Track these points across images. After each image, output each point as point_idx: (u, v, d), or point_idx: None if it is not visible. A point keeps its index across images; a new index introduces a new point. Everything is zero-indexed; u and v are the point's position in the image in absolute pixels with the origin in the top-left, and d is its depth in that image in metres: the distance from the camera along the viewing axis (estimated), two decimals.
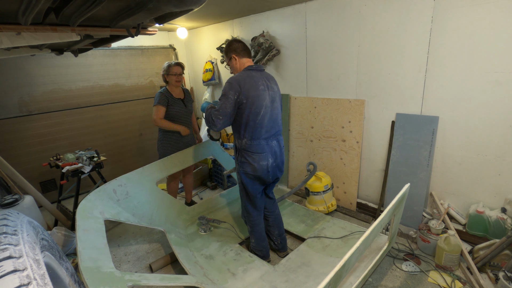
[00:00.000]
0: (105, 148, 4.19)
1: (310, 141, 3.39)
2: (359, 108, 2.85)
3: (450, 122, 2.33)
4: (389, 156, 2.73)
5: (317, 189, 3.02)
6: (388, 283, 2.11)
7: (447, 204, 2.47)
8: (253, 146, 2.10)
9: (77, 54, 2.82)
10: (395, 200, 1.76)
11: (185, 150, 3.03)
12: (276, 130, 2.19)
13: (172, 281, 1.89)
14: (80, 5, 1.24)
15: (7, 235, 1.28)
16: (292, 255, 2.41)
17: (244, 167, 2.15)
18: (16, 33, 1.50)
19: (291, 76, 3.42)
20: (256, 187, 2.21)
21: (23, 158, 3.57)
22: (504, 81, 2.01)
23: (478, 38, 2.06)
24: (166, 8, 1.24)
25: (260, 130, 2.08)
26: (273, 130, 2.16)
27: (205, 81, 4.47)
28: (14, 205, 2.46)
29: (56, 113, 3.77)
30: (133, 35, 1.76)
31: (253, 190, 2.21)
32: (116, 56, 4.21)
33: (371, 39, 2.61)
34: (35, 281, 1.11)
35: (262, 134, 2.09)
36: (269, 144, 2.14)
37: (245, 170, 2.14)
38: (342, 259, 1.31)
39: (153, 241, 2.85)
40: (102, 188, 2.40)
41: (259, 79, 2.06)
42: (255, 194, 2.23)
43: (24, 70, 3.47)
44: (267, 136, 2.13)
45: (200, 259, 2.41)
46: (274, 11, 3.34)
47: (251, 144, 2.09)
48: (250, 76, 2.03)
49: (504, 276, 1.83)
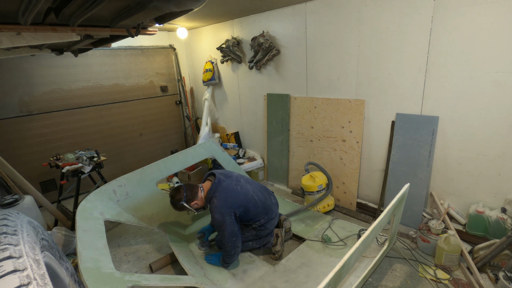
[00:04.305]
0: (105, 148, 4.19)
1: (310, 141, 3.39)
2: (359, 108, 2.85)
3: (450, 122, 2.33)
4: (389, 156, 2.73)
5: (310, 188, 3.03)
6: (388, 283, 2.11)
7: (447, 204, 2.47)
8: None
9: (77, 54, 2.81)
10: (395, 200, 1.76)
11: (185, 150, 3.03)
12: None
13: (172, 282, 1.89)
14: (80, 5, 1.24)
15: (7, 235, 1.28)
16: (292, 255, 2.41)
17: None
18: (16, 33, 1.50)
19: (291, 76, 3.42)
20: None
21: (23, 158, 3.57)
22: (504, 81, 2.01)
23: (478, 38, 2.06)
24: (166, 8, 1.24)
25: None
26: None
27: (205, 81, 4.47)
28: (14, 205, 2.46)
29: (56, 113, 3.77)
30: (133, 35, 1.76)
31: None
32: (116, 56, 4.21)
33: (371, 39, 2.61)
34: (35, 281, 1.11)
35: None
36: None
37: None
38: (342, 259, 1.31)
39: (153, 241, 2.85)
40: (102, 189, 2.40)
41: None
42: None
43: (24, 70, 3.47)
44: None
45: (200, 259, 2.41)
46: (274, 11, 3.34)
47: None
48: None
49: (504, 276, 1.83)
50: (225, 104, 4.60)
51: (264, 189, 2.42)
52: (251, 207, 2.17)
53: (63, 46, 2.39)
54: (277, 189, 3.78)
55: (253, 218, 2.22)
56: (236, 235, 2.08)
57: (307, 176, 3.13)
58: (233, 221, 2.07)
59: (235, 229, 2.07)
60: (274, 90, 3.69)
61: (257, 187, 2.36)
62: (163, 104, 4.89)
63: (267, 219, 2.30)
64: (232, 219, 2.07)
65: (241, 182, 2.26)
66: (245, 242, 2.37)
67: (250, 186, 2.27)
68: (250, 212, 2.18)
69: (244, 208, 2.13)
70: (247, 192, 2.19)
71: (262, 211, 2.22)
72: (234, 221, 2.08)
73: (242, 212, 2.13)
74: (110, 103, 4.24)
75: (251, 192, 2.21)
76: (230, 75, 4.29)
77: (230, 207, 2.08)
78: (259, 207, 2.19)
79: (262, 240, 2.39)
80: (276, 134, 3.75)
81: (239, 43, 3.88)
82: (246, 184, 2.27)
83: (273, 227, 2.38)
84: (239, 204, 2.12)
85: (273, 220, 2.34)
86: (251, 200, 2.18)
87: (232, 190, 2.14)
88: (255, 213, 2.20)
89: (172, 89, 4.98)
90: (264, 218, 2.28)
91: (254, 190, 2.25)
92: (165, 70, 4.83)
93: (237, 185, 2.20)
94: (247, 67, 3.81)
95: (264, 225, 2.33)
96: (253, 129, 4.22)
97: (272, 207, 2.33)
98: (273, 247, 2.39)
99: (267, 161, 3.98)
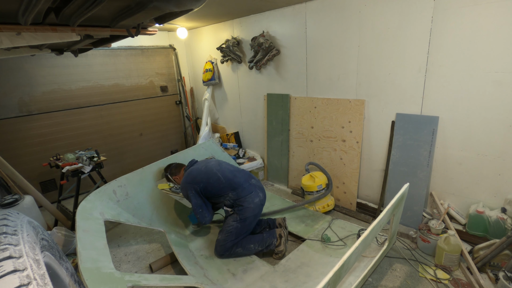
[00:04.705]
0: (105, 148, 4.19)
1: (310, 141, 3.39)
2: (359, 108, 2.85)
3: (450, 122, 2.33)
4: (389, 156, 2.73)
5: (310, 188, 3.03)
6: (388, 283, 2.11)
7: (447, 204, 2.47)
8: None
9: (77, 54, 2.81)
10: (394, 200, 1.76)
11: (185, 150, 3.03)
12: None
13: (172, 282, 1.89)
14: (80, 5, 1.24)
15: (7, 235, 1.28)
16: (292, 255, 2.41)
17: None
18: (16, 33, 1.50)
19: (291, 76, 3.42)
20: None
21: (23, 158, 3.57)
22: (504, 81, 2.01)
23: (478, 38, 2.06)
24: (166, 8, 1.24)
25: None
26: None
27: (205, 81, 4.47)
28: (14, 205, 2.46)
29: (56, 113, 3.77)
30: (133, 35, 1.76)
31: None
32: (116, 56, 4.21)
33: (371, 39, 2.61)
34: (35, 281, 1.11)
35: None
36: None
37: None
38: (341, 259, 1.31)
39: (153, 241, 2.85)
40: (102, 189, 2.40)
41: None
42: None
43: (24, 70, 3.47)
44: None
45: (200, 259, 2.41)
46: (274, 11, 3.34)
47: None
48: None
49: (504, 276, 1.83)
50: (225, 104, 4.60)
51: (240, 171, 2.61)
52: (212, 182, 2.45)
53: (63, 46, 2.39)
54: (277, 189, 3.78)
55: (218, 192, 2.45)
56: (201, 207, 2.43)
57: (307, 176, 3.13)
58: (195, 195, 2.43)
59: (198, 201, 2.42)
60: (274, 90, 3.69)
61: (228, 168, 2.59)
62: (163, 104, 4.90)
63: (236, 195, 2.42)
64: (193, 193, 2.43)
65: (210, 164, 2.60)
66: (247, 245, 2.40)
67: (217, 166, 2.56)
68: (212, 186, 2.45)
69: (204, 183, 2.45)
70: (209, 170, 2.52)
71: (227, 186, 2.43)
72: (196, 194, 2.44)
73: (202, 187, 2.44)
74: (110, 103, 4.24)
75: (214, 171, 2.51)
76: (230, 75, 4.29)
77: (190, 183, 2.46)
78: (222, 183, 2.44)
79: (264, 242, 2.41)
80: (276, 134, 3.75)
81: (239, 43, 3.89)
82: (215, 165, 2.57)
83: (253, 206, 2.41)
84: (199, 181, 2.45)
85: (248, 198, 2.41)
86: (212, 176, 2.47)
87: (194, 170, 2.54)
88: (218, 188, 2.44)
89: (172, 89, 4.98)
90: (232, 194, 2.43)
91: (219, 169, 2.53)
92: (165, 70, 4.83)
93: (202, 167, 2.56)
94: (247, 67, 3.81)
95: (237, 203, 2.41)
96: (253, 129, 4.22)
97: (243, 184, 2.45)
98: (277, 247, 2.41)
99: (267, 161, 3.98)
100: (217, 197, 2.48)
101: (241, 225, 2.38)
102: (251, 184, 2.49)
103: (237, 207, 2.42)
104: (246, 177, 2.53)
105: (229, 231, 2.38)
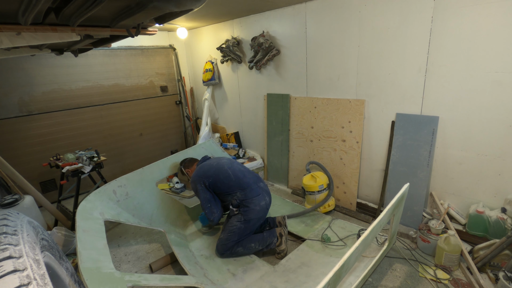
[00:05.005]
0: (105, 148, 4.19)
1: (310, 141, 3.39)
2: (359, 108, 2.85)
3: (450, 122, 2.33)
4: (389, 156, 2.73)
5: (311, 188, 3.03)
6: (388, 283, 2.11)
7: (447, 204, 2.47)
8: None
9: (77, 54, 2.81)
10: (395, 200, 1.76)
11: (185, 150, 3.03)
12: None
13: (172, 282, 1.89)
14: (80, 5, 1.24)
15: (7, 235, 1.28)
16: (292, 255, 2.41)
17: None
18: (16, 33, 1.50)
19: (291, 76, 3.42)
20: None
21: (23, 158, 3.57)
22: (504, 81, 2.01)
23: (478, 38, 2.06)
24: (166, 8, 1.24)
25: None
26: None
27: (205, 81, 4.47)
28: (14, 205, 2.46)
29: (56, 113, 3.77)
30: (133, 35, 1.76)
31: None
32: (116, 56, 4.21)
33: (371, 39, 2.61)
34: (35, 281, 1.11)
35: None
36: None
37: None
38: (341, 259, 1.31)
39: (153, 241, 2.85)
40: (102, 189, 2.40)
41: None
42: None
43: (24, 70, 3.47)
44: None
45: (200, 259, 2.41)
46: (274, 11, 3.34)
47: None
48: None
49: (504, 276, 1.83)
50: (225, 104, 4.60)
51: (250, 172, 2.60)
52: (222, 178, 2.44)
53: (63, 46, 2.39)
54: (277, 189, 3.78)
55: (226, 190, 2.43)
56: (210, 201, 2.41)
57: (308, 176, 3.13)
58: (204, 189, 2.42)
59: (207, 196, 2.42)
60: (274, 90, 3.69)
61: (239, 167, 2.57)
62: (163, 104, 4.90)
63: (243, 196, 2.40)
64: (202, 187, 2.43)
65: (222, 161, 2.60)
66: (247, 244, 2.39)
67: (229, 164, 2.56)
68: (221, 183, 2.43)
69: (213, 178, 2.44)
70: (220, 167, 2.51)
71: (235, 185, 2.42)
72: (205, 188, 2.43)
73: (211, 182, 2.43)
74: (110, 103, 4.24)
75: (225, 168, 2.50)
76: (230, 75, 4.29)
77: (200, 176, 2.47)
78: (231, 181, 2.43)
79: (265, 241, 2.40)
80: (276, 134, 3.75)
81: (239, 43, 3.89)
82: (226, 163, 2.57)
83: (258, 209, 2.39)
84: (209, 176, 2.45)
85: (255, 199, 2.40)
86: (222, 172, 2.46)
87: (206, 165, 2.57)
88: (227, 185, 2.43)
89: (172, 89, 4.98)
90: (240, 193, 2.41)
91: (231, 167, 2.52)
92: (165, 70, 4.83)
93: (214, 163, 2.57)
94: (247, 67, 3.81)
95: (244, 204, 2.39)
96: (253, 129, 4.22)
97: (252, 186, 2.45)
98: (278, 246, 2.41)
99: (267, 161, 3.98)
100: (225, 195, 2.46)
101: (244, 226, 2.38)
102: (259, 187, 2.49)
103: (243, 208, 2.40)
104: (255, 179, 2.53)
105: (232, 230, 2.38)
